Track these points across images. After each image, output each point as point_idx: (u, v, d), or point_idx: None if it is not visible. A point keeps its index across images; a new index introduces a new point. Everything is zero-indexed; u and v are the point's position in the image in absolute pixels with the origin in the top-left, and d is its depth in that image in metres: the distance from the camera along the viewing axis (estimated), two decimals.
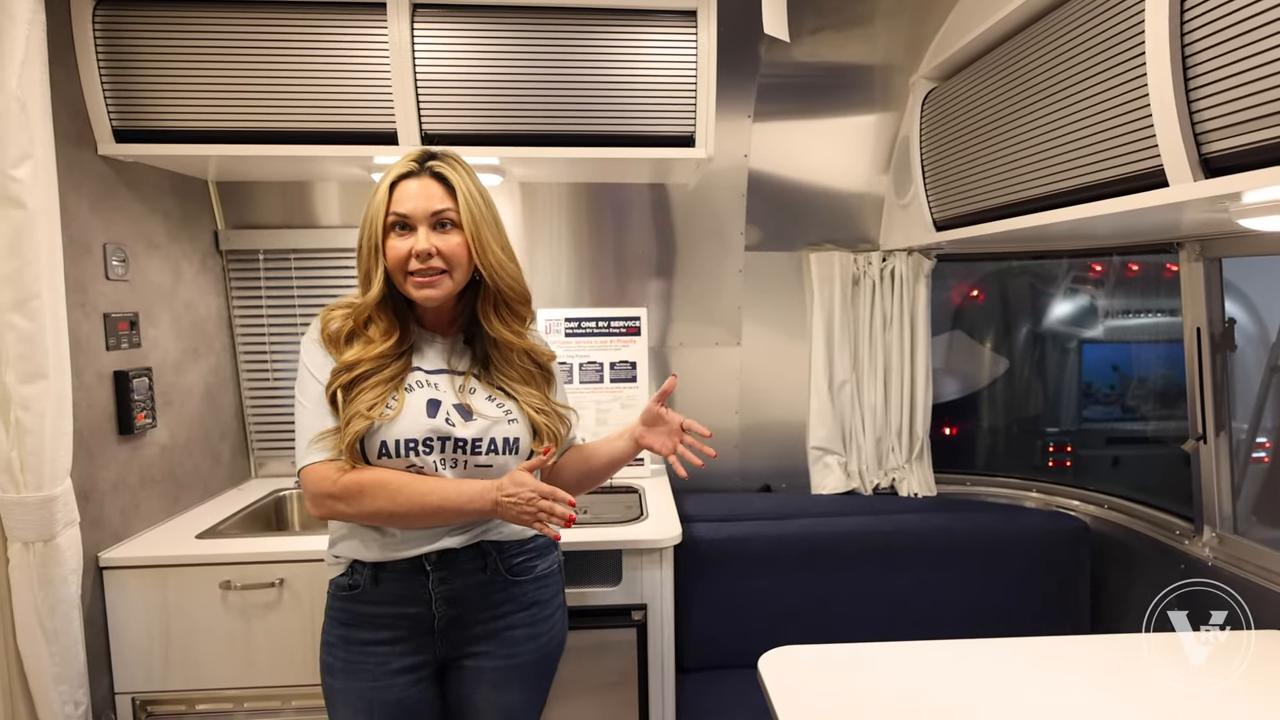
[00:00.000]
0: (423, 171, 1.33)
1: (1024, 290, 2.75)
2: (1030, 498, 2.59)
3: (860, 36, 2.30)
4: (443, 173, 1.33)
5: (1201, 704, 1.34)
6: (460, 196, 1.32)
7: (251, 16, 1.86)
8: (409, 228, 1.32)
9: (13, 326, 1.49)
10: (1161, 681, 1.42)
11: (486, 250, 1.33)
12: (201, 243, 2.32)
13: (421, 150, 1.37)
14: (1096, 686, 1.41)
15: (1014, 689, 1.40)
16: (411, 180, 1.33)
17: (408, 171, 1.33)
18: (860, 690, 1.40)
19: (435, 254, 1.30)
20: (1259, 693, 1.37)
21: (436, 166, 1.34)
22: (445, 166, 1.34)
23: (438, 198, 1.32)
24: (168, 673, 1.86)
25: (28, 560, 1.57)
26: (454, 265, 1.32)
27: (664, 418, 1.43)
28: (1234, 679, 1.40)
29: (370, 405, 1.29)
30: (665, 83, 1.96)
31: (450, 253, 1.31)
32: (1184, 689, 1.39)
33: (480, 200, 1.34)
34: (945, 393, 2.73)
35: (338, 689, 1.36)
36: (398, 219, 1.31)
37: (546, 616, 1.44)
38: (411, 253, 1.30)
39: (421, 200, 1.31)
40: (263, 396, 2.51)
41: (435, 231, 1.31)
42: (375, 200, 1.32)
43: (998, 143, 1.82)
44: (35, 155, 1.50)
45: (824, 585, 2.19)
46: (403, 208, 1.31)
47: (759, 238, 2.54)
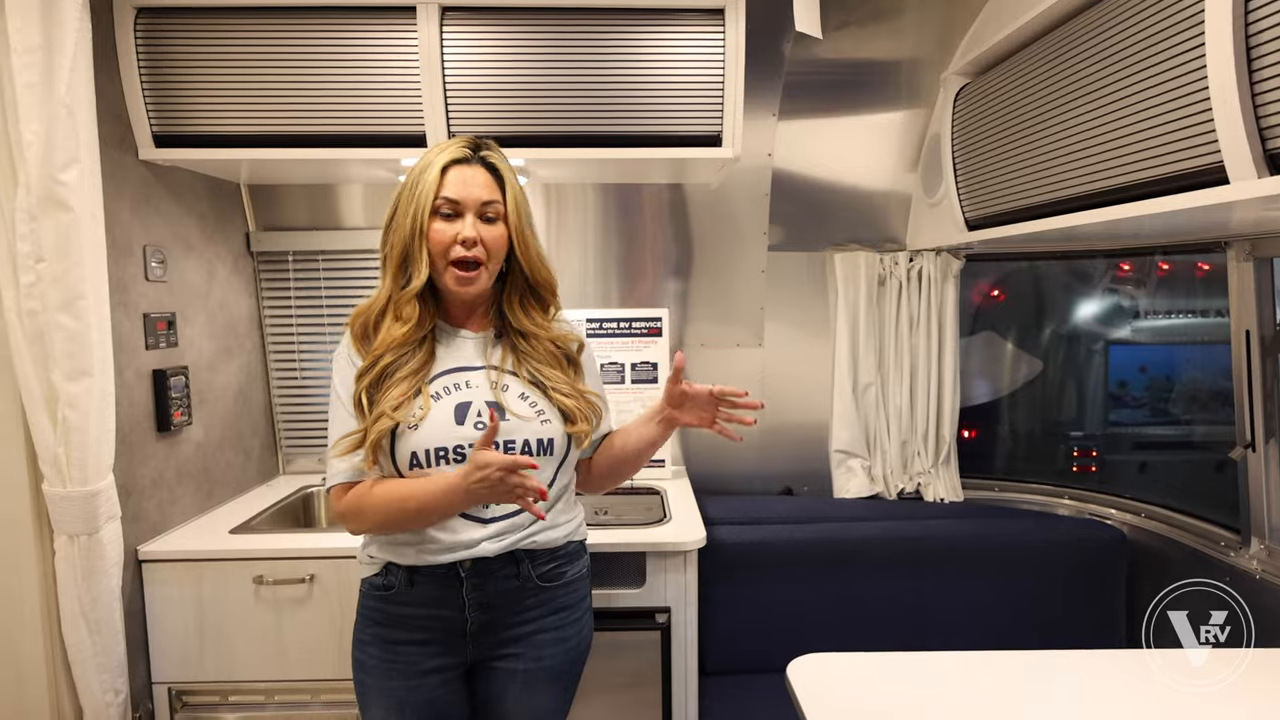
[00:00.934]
0: (475, 159, 1.33)
1: (1048, 289, 2.70)
2: (1063, 505, 2.54)
3: (886, 32, 2.29)
4: (495, 164, 1.34)
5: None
6: (509, 190, 1.34)
7: (285, 23, 1.90)
8: (457, 214, 1.31)
9: (60, 326, 1.53)
10: (1205, 699, 1.36)
11: (528, 246, 1.35)
12: (234, 244, 2.37)
13: (470, 137, 1.37)
14: (1135, 702, 1.36)
15: (1052, 703, 1.37)
16: (465, 167, 1.32)
17: (461, 157, 1.33)
18: (891, 700, 1.38)
19: (479, 242, 1.31)
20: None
21: (489, 157, 1.34)
22: (496, 157, 1.35)
23: (489, 188, 1.32)
24: (202, 664, 1.90)
25: (72, 553, 1.62)
26: (493, 257, 1.33)
27: (690, 393, 1.37)
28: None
29: (396, 405, 1.29)
30: (692, 82, 1.96)
31: (491, 244, 1.32)
32: (1229, 709, 1.33)
33: (521, 195, 1.36)
34: (973, 395, 2.70)
35: (370, 686, 1.38)
36: (446, 203, 1.30)
37: (574, 620, 1.45)
38: (457, 238, 1.30)
39: (474, 188, 1.31)
40: (291, 394, 2.56)
41: (480, 221, 1.32)
42: (424, 182, 1.30)
43: (1036, 140, 1.79)
44: (82, 160, 1.54)
45: (848, 591, 2.18)
46: (453, 193, 1.30)
47: (782, 237, 2.54)
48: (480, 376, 1.37)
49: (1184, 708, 1.34)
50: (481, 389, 1.36)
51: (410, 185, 1.32)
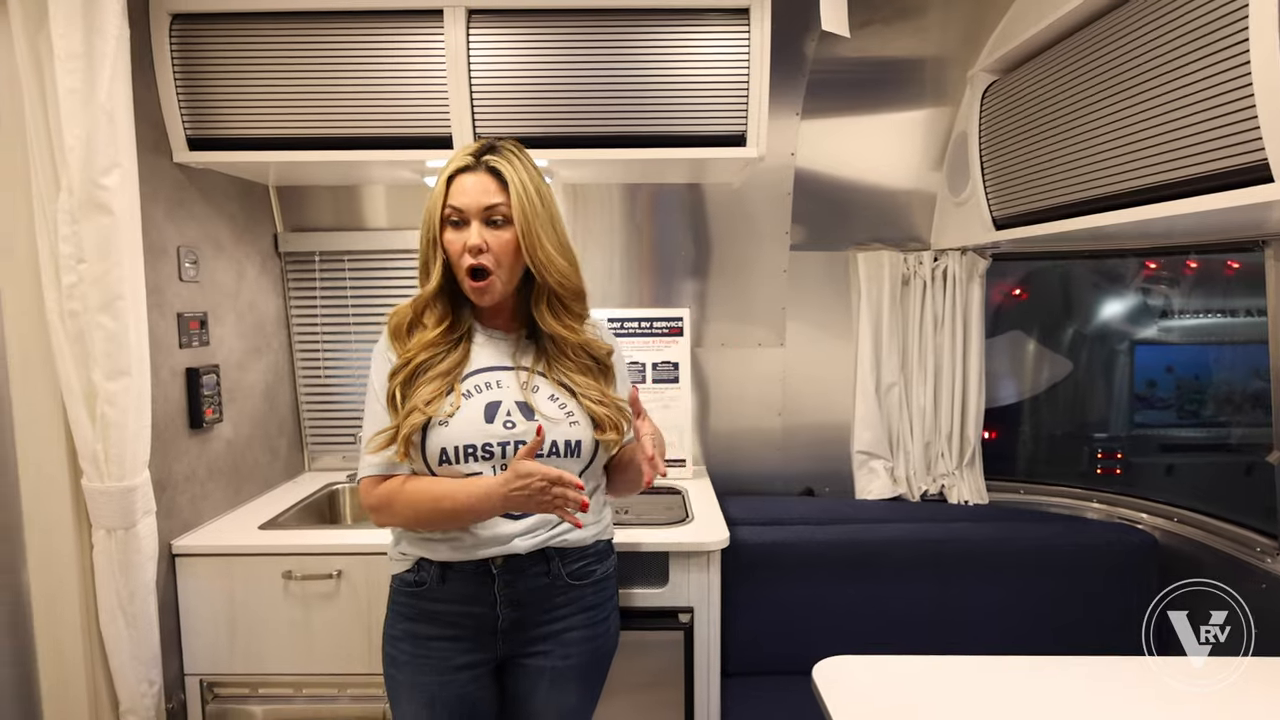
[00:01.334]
0: (478, 166, 1.34)
1: (1072, 288, 2.66)
2: (1092, 508, 2.51)
3: (911, 30, 2.28)
4: (497, 167, 1.33)
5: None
6: (513, 191, 1.32)
7: (314, 28, 1.92)
8: (464, 222, 1.33)
9: (100, 326, 1.57)
10: (1240, 708, 1.34)
11: (536, 246, 1.33)
12: (262, 245, 2.41)
13: (480, 143, 1.37)
14: (1164, 711, 1.34)
15: (1078, 710, 1.35)
16: (468, 175, 1.34)
17: (464, 166, 1.34)
18: (919, 704, 1.37)
19: (486, 249, 1.31)
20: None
21: (492, 161, 1.34)
22: (500, 160, 1.34)
23: (490, 192, 1.32)
24: (233, 656, 1.94)
25: (110, 547, 1.66)
26: (500, 262, 1.33)
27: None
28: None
29: (427, 400, 1.32)
30: (717, 82, 1.96)
31: (499, 250, 1.32)
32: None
33: (534, 194, 1.33)
34: (998, 396, 2.68)
35: (401, 681, 1.40)
36: (453, 212, 1.33)
37: (602, 619, 1.47)
38: (465, 247, 1.32)
39: (474, 195, 1.32)
40: (316, 393, 2.60)
41: (487, 227, 1.32)
42: (434, 194, 1.35)
43: (1067, 137, 1.77)
44: (121, 164, 1.58)
45: (871, 593, 2.17)
46: (457, 201, 1.32)
47: (804, 237, 2.53)
48: (510, 377, 1.39)
49: (1215, 717, 1.32)
50: (511, 389, 1.38)
51: (429, 198, 1.37)
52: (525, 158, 1.37)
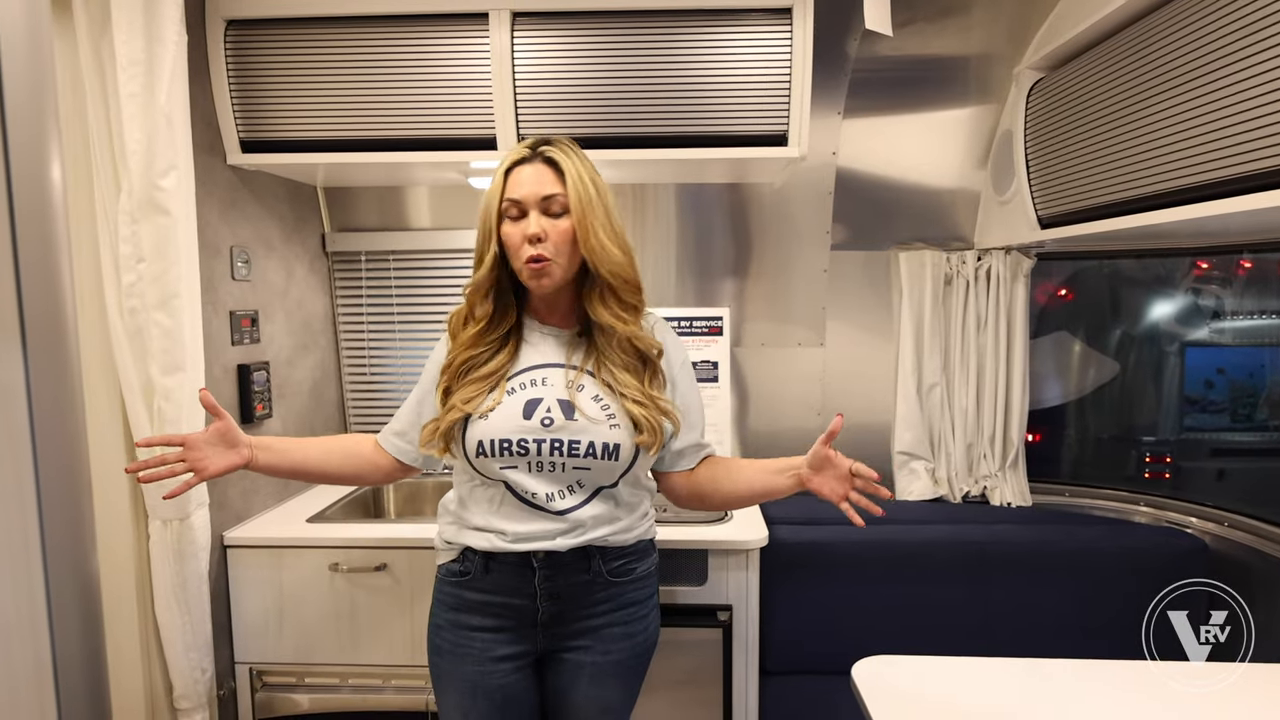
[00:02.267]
0: (535, 157, 1.36)
1: (1120, 288, 2.61)
2: (1139, 512, 2.46)
3: (954, 28, 2.26)
4: (554, 157, 1.35)
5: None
6: (569, 181, 1.33)
7: (362, 32, 1.96)
8: (522, 213, 1.34)
9: (157, 323, 1.63)
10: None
11: (590, 234, 1.33)
12: (310, 245, 2.46)
13: (536, 138, 1.39)
14: (1212, 716, 1.32)
15: (1123, 715, 1.33)
16: (525, 166, 1.35)
17: (521, 158, 1.36)
18: (959, 705, 1.36)
19: (545, 237, 1.33)
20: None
21: (548, 152, 1.36)
22: (557, 152, 1.35)
23: (548, 182, 1.34)
24: (281, 646, 1.99)
25: (165, 537, 1.72)
26: (559, 251, 1.34)
27: (832, 460, 1.33)
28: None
29: (467, 399, 1.35)
30: (758, 82, 1.97)
31: (557, 238, 1.33)
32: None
33: (590, 185, 1.34)
34: (1042, 398, 2.64)
35: (444, 669, 1.43)
36: (511, 204, 1.34)
37: (642, 616, 1.47)
38: (524, 237, 1.33)
39: (532, 185, 1.33)
40: (361, 390, 2.65)
41: (545, 216, 1.34)
42: (491, 187, 1.36)
43: (1116, 135, 1.74)
44: (179, 166, 1.63)
45: (911, 594, 2.16)
46: (515, 193, 1.34)
47: (845, 236, 2.52)
48: (558, 374, 1.40)
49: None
50: (556, 387, 1.38)
51: (485, 193, 1.38)
52: (580, 152, 1.39)
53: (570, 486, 1.37)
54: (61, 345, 0.61)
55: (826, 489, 1.35)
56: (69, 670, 0.61)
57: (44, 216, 0.60)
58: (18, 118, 0.58)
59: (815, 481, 1.35)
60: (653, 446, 1.37)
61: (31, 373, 0.58)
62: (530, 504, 1.36)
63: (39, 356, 0.59)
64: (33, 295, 0.58)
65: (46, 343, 0.59)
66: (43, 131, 0.59)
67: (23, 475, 0.59)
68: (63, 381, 0.62)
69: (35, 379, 0.58)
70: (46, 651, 0.62)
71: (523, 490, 1.35)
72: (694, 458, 1.52)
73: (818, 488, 1.35)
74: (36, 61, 0.59)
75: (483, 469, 1.36)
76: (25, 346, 0.58)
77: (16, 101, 0.57)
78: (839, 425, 1.32)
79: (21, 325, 0.58)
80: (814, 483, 1.36)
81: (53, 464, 0.60)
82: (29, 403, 0.58)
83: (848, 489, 1.33)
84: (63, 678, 0.60)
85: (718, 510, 1.53)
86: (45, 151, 0.60)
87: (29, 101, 0.58)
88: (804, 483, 1.37)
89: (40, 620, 0.62)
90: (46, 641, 0.62)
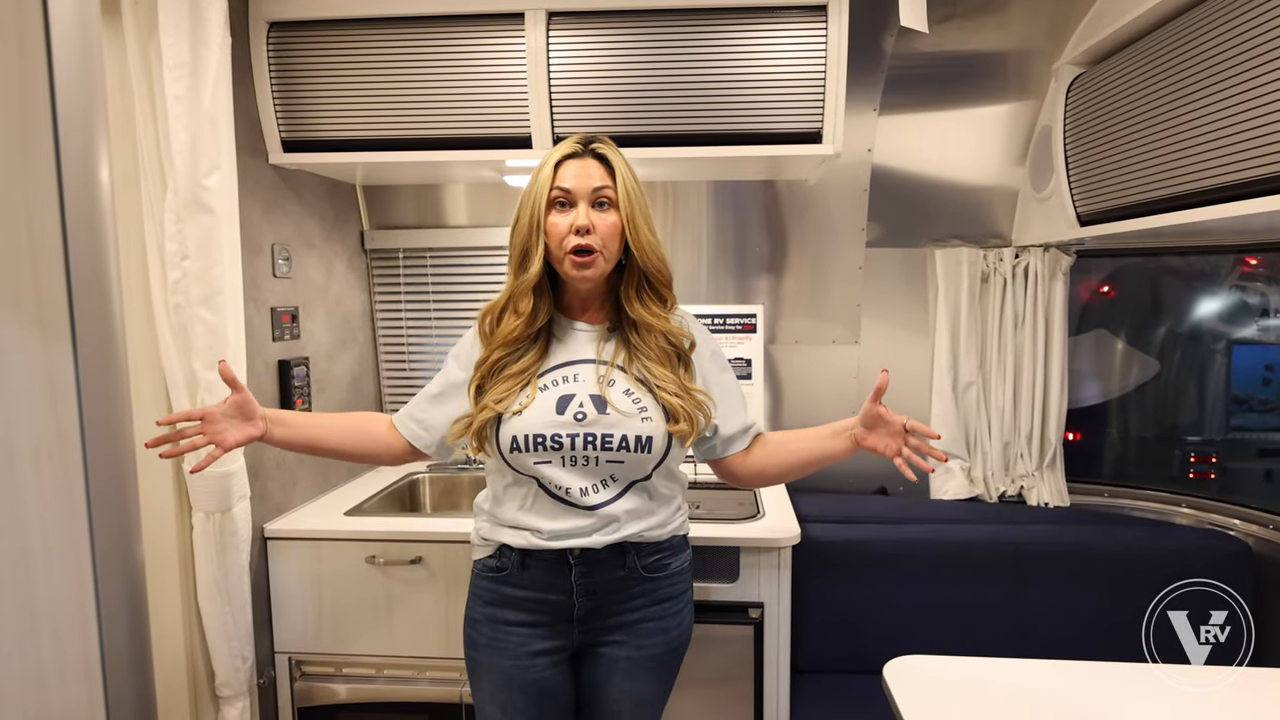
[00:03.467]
0: (586, 153, 1.39)
1: (1163, 285, 2.55)
2: (1180, 514, 2.40)
3: (993, 23, 2.24)
4: (605, 154, 1.38)
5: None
6: (619, 177, 1.37)
7: (400, 33, 1.99)
8: (570, 204, 1.37)
9: (201, 319, 1.67)
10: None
11: (640, 231, 1.37)
12: (350, 242, 2.50)
13: (583, 134, 1.43)
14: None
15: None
16: (575, 160, 1.38)
17: (572, 152, 1.39)
18: (992, 706, 1.34)
19: (593, 229, 1.35)
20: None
21: (599, 148, 1.39)
22: (607, 148, 1.40)
23: (599, 176, 1.37)
24: (319, 636, 2.02)
25: (208, 529, 1.76)
26: (606, 244, 1.36)
27: (884, 417, 1.39)
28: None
29: (500, 399, 1.36)
30: (794, 80, 1.96)
31: (605, 231, 1.36)
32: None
33: (635, 184, 1.39)
34: (1082, 397, 2.59)
35: (481, 663, 1.44)
36: (560, 194, 1.36)
37: (676, 612, 1.48)
38: (572, 227, 1.35)
39: (584, 178, 1.36)
40: (399, 385, 2.68)
41: (594, 209, 1.36)
42: (539, 179, 1.37)
43: (1159, 131, 1.71)
44: (222, 166, 1.67)
45: (946, 595, 2.13)
46: (566, 183, 1.36)
47: (880, 234, 2.50)
48: (590, 370, 1.41)
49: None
50: (588, 383, 1.39)
51: (529, 186, 1.39)
52: (620, 152, 1.42)
53: (604, 481, 1.38)
54: (110, 344, 0.63)
55: (881, 445, 1.40)
56: (116, 661, 0.63)
57: (93, 218, 0.62)
58: (69, 121, 0.60)
59: (870, 439, 1.41)
60: (689, 436, 1.39)
61: (81, 371, 0.60)
62: (563, 500, 1.37)
63: (88, 355, 0.60)
64: (82, 295, 0.60)
65: (95, 341, 0.61)
66: (92, 134, 0.61)
67: (72, 470, 0.61)
68: (111, 379, 0.64)
69: (85, 377, 0.60)
70: (95, 642, 0.64)
71: (555, 486, 1.37)
72: (745, 439, 1.55)
73: (873, 445, 1.41)
74: (87, 66, 0.61)
75: (516, 464, 1.38)
76: (75, 345, 0.60)
77: (69, 105, 0.59)
78: (885, 381, 1.37)
79: (72, 324, 0.60)
80: (869, 440, 1.41)
81: (101, 459, 0.62)
82: (79, 400, 0.60)
83: (901, 444, 1.39)
84: (110, 668, 0.62)
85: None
86: (95, 154, 0.62)
87: (80, 105, 0.60)
88: (859, 441, 1.42)
89: (89, 612, 0.64)
90: (95, 633, 0.64)
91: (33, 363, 0.58)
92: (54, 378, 0.59)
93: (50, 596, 0.60)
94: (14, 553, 0.58)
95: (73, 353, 0.60)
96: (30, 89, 0.57)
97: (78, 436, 0.61)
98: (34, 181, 0.58)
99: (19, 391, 0.58)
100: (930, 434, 1.37)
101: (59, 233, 0.58)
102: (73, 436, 0.60)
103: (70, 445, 0.60)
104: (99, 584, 0.61)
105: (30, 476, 0.58)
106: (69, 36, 0.58)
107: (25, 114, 0.57)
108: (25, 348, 0.57)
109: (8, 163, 0.57)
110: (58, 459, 0.60)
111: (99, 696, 0.63)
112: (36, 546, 0.59)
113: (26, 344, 0.58)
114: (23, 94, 0.57)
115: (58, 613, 0.61)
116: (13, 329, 0.57)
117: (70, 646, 0.62)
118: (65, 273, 0.59)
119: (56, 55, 0.57)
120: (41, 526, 0.59)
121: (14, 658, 0.59)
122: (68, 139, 0.59)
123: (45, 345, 0.59)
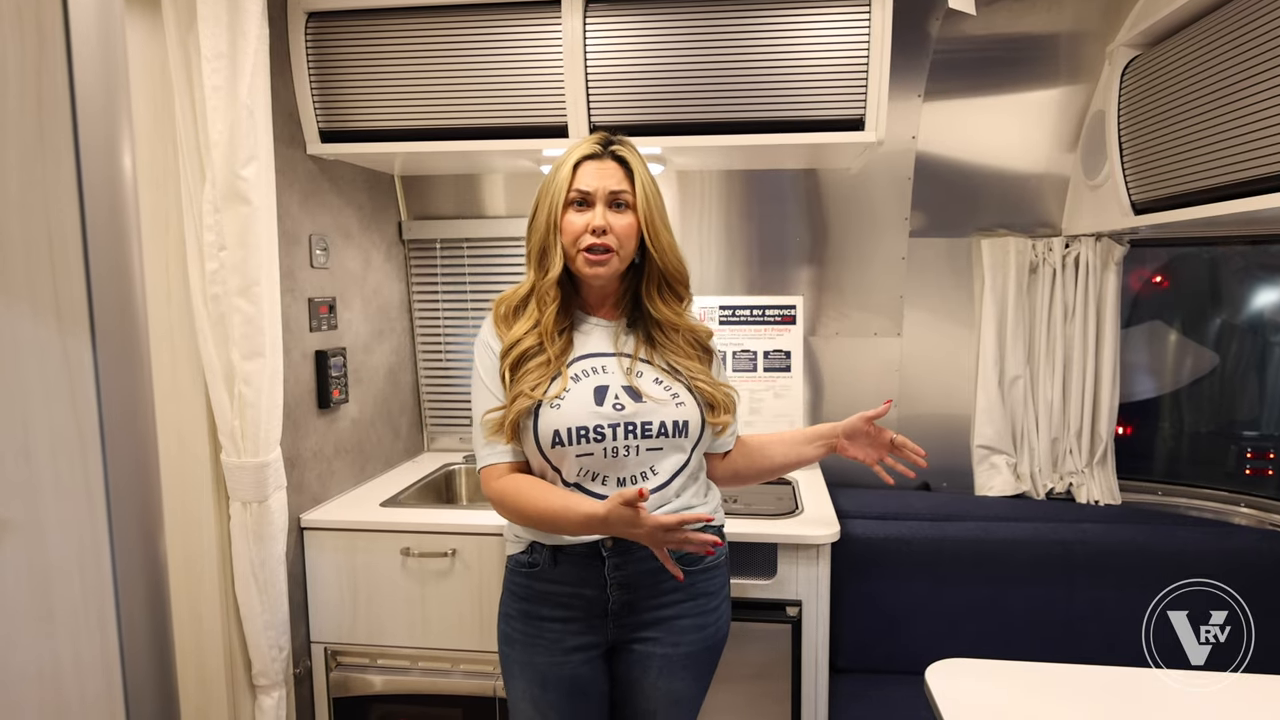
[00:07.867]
0: (605, 154, 1.41)
1: (1220, 275, 2.44)
2: (1239, 513, 2.31)
3: (1044, 4, 2.16)
4: (624, 156, 1.41)
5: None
6: (637, 180, 1.39)
7: (437, 22, 1.98)
8: (588, 204, 1.39)
9: (238, 310, 1.67)
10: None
11: (659, 233, 1.40)
12: (388, 233, 2.50)
13: (602, 134, 1.44)
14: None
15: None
16: (594, 161, 1.40)
17: (591, 153, 1.41)
18: (1036, 712, 1.31)
19: (609, 230, 1.37)
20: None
21: (618, 150, 1.41)
22: (626, 150, 1.42)
23: (617, 178, 1.39)
24: (355, 627, 2.03)
25: (245, 519, 1.77)
26: (623, 244, 1.39)
27: (874, 435, 1.50)
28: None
29: (533, 386, 1.36)
30: (835, 66, 1.90)
31: (621, 232, 1.38)
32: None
33: (652, 185, 1.42)
34: (1135, 391, 2.50)
35: (515, 659, 1.44)
36: (579, 195, 1.38)
37: (713, 608, 1.46)
38: (588, 227, 1.37)
39: (603, 179, 1.38)
40: (436, 375, 2.69)
41: (611, 210, 1.39)
42: (557, 178, 1.39)
43: (1218, 115, 1.63)
44: (259, 157, 1.67)
45: (991, 595, 2.07)
46: (585, 184, 1.38)
47: (924, 223, 2.43)
48: (613, 363, 1.43)
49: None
50: (616, 374, 1.41)
51: (546, 183, 1.41)
52: (639, 153, 1.45)
53: (644, 474, 1.39)
54: (131, 338, 0.62)
55: (862, 454, 1.51)
56: (136, 659, 0.62)
57: (114, 208, 0.60)
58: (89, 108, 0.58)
59: (852, 449, 1.52)
60: (728, 426, 1.47)
61: (101, 365, 0.59)
62: (598, 497, 1.36)
63: (108, 350, 0.59)
64: (102, 288, 0.59)
65: (116, 335, 0.60)
66: (114, 123, 0.60)
67: (91, 467, 0.60)
68: (132, 373, 0.62)
69: (104, 371, 0.59)
70: (114, 640, 0.63)
71: (594, 473, 1.37)
72: (731, 440, 1.59)
73: (854, 455, 1.52)
74: (108, 53, 0.59)
75: (556, 459, 1.37)
76: (94, 339, 0.59)
77: (88, 92, 0.57)
78: (886, 410, 1.47)
79: (91, 318, 0.59)
80: (850, 450, 1.52)
81: (121, 455, 0.61)
82: (98, 395, 0.59)
83: (882, 454, 1.51)
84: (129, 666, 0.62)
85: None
86: (117, 143, 0.60)
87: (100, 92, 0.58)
88: (839, 450, 1.52)
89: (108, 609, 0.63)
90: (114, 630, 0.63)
91: (51, 357, 0.57)
92: (73, 372, 0.58)
93: (68, 594, 0.60)
94: (32, 550, 0.57)
95: (91, 347, 0.59)
96: (48, 75, 0.56)
97: (97, 432, 0.60)
98: (53, 171, 0.57)
99: (36, 387, 0.57)
100: (919, 450, 1.48)
101: (78, 224, 0.57)
102: (92, 432, 0.59)
103: (90, 441, 0.59)
104: (118, 581, 0.60)
105: (48, 473, 0.58)
106: (89, 21, 0.57)
107: (43, 101, 0.56)
108: (43, 342, 0.56)
109: (25, 152, 0.56)
110: (76, 455, 0.59)
111: (118, 693, 0.63)
112: (54, 544, 0.58)
113: (44, 338, 0.57)
114: (40, 81, 0.56)
115: (76, 610, 0.60)
116: (30, 322, 0.56)
117: (89, 644, 0.61)
118: (84, 265, 0.58)
119: (75, 41, 0.56)
120: (60, 524, 0.58)
121: (32, 654, 0.58)
122: (87, 127, 0.57)
123: (64, 339, 0.58)
